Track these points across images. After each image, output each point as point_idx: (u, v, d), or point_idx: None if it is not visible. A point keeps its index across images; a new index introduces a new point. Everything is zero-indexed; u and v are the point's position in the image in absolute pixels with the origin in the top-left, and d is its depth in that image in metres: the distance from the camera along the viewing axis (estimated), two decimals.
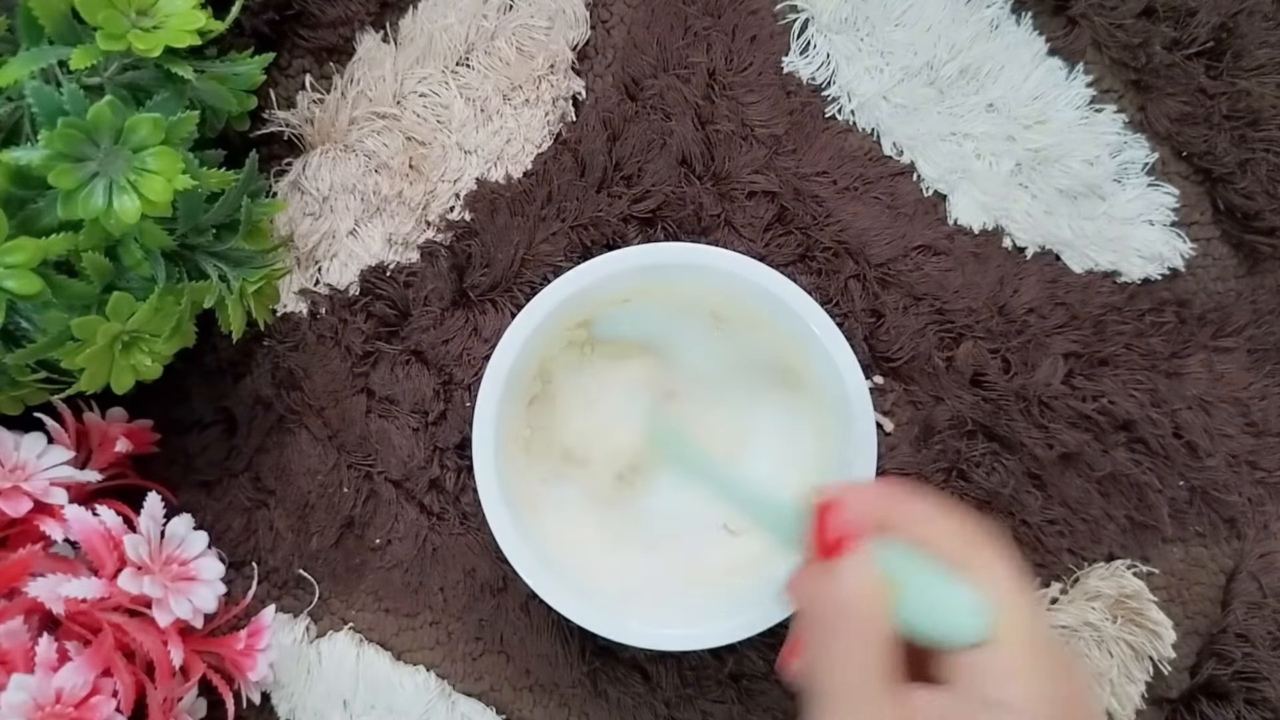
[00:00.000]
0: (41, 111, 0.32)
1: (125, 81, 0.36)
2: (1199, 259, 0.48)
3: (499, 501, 0.39)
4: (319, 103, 0.47)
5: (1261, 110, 0.47)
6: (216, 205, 0.38)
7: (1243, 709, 0.46)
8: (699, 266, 0.40)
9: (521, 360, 0.40)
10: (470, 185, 0.47)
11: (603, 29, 0.48)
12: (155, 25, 0.34)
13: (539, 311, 0.40)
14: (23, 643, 0.36)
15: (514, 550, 0.39)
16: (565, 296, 0.40)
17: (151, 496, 0.41)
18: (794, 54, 0.48)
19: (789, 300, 0.40)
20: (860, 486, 0.36)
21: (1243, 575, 0.47)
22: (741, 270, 0.40)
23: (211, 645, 0.42)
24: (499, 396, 0.39)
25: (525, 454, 0.43)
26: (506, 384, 0.40)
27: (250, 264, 0.41)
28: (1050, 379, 0.46)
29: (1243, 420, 0.47)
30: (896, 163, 0.48)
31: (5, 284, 0.32)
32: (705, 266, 0.40)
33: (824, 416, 0.42)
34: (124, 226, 0.33)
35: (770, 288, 0.40)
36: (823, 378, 0.41)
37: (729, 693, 0.46)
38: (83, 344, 0.34)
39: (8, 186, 0.33)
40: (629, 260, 0.40)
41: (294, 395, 0.46)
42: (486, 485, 0.39)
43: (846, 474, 0.40)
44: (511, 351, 0.39)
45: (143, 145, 0.33)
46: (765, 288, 0.40)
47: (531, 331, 0.40)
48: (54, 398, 0.38)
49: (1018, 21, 0.48)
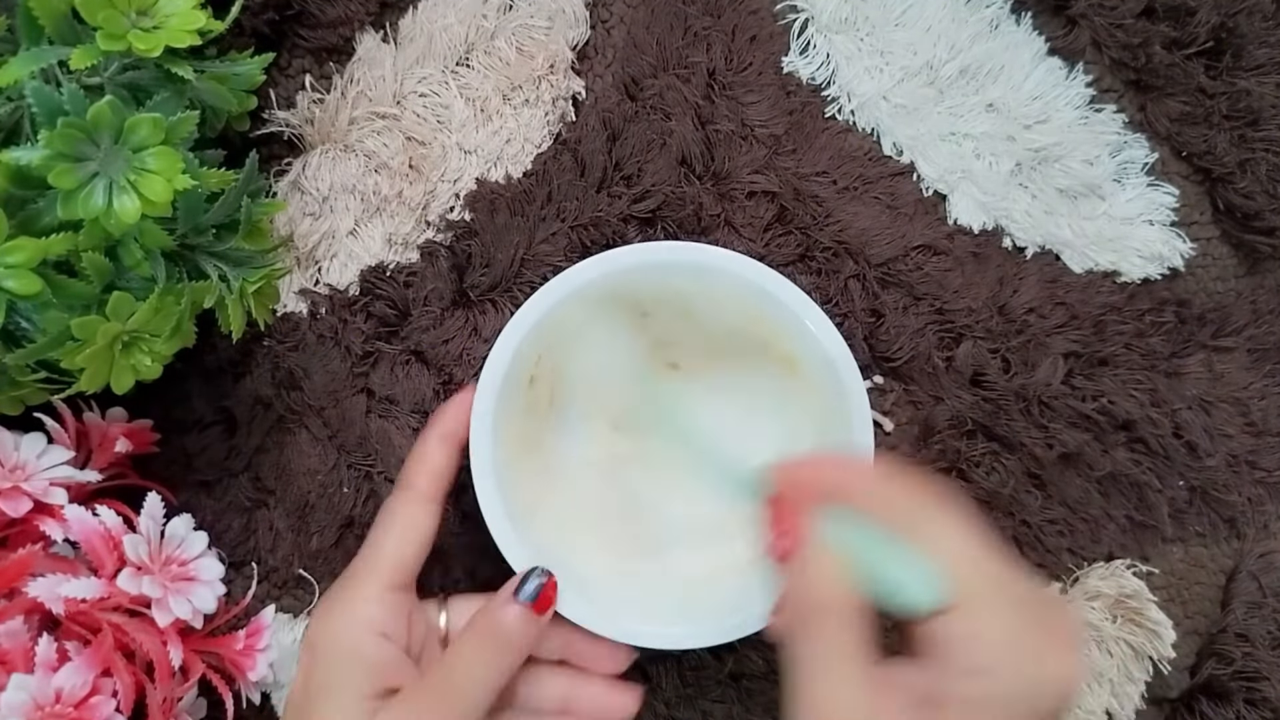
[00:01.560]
0: (41, 111, 0.32)
1: (125, 81, 0.36)
2: (1199, 259, 0.48)
3: (496, 500, 0.39)
4: (319, 103, 0.47)
5: (1261, 110, 0.47)
6: (216, 205, 0.38)
7: (1242, 709, 0.46)
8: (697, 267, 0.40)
9: (518, 361, 0.40)
10: (470, 185, 0.47)
11: (602, 29, 0.48)
12: (155, 25, 0.34)
13: (536, 309, 0.40)
14: (23, 643, 0.36)
15: (510, 549, 0.39)
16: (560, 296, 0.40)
17: (151, 496, 0.41)
18: (794, 54, 0.48)
19: (779, 294, 0.40)
20: (809, 459, 0.36)
21: (1242, 575, 0.47)
22: (738, 269, 0.40)
23: (211, 645, 0.42)
24: (495, 395, 0.39)
25: (525, 415, 0.43)
26: (503, 384, 0.39)
27: (250, 264, 0.41)
28: (1050, 379, 0.46)
29: (1242, 420, 0.47)
30: (896, 163, 0.48)
31: (5, 284, 0.32)
32: (703, 266, 0.40)
33: (817, 397, 0.42)
34: (124, 226, 0.33)
35: (765, 285, 0.40)
36: (814, 363, 0.41)
37: (729, 693, 0.46)
38: (83, 344, 0.34)
39: (8, 186, 0.33)
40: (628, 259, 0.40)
41: (294, 395, 0.46)
42: (483, 478, 0.39)
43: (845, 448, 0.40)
44: (505, 355, 0.39)
45: (143, 145, 0.33)
46: (761, 286, 0.40)
47: (528, 330, 0.39)
48: (54, 398, 0.38)
49: (1018, 21, 0.48)
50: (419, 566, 0.39)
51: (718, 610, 0.40)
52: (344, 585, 0.38)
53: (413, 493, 0.39)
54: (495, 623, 0.37)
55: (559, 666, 0.41)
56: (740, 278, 0.40)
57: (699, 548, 0.44)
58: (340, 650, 0.36)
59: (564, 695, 0.40)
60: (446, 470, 0.39)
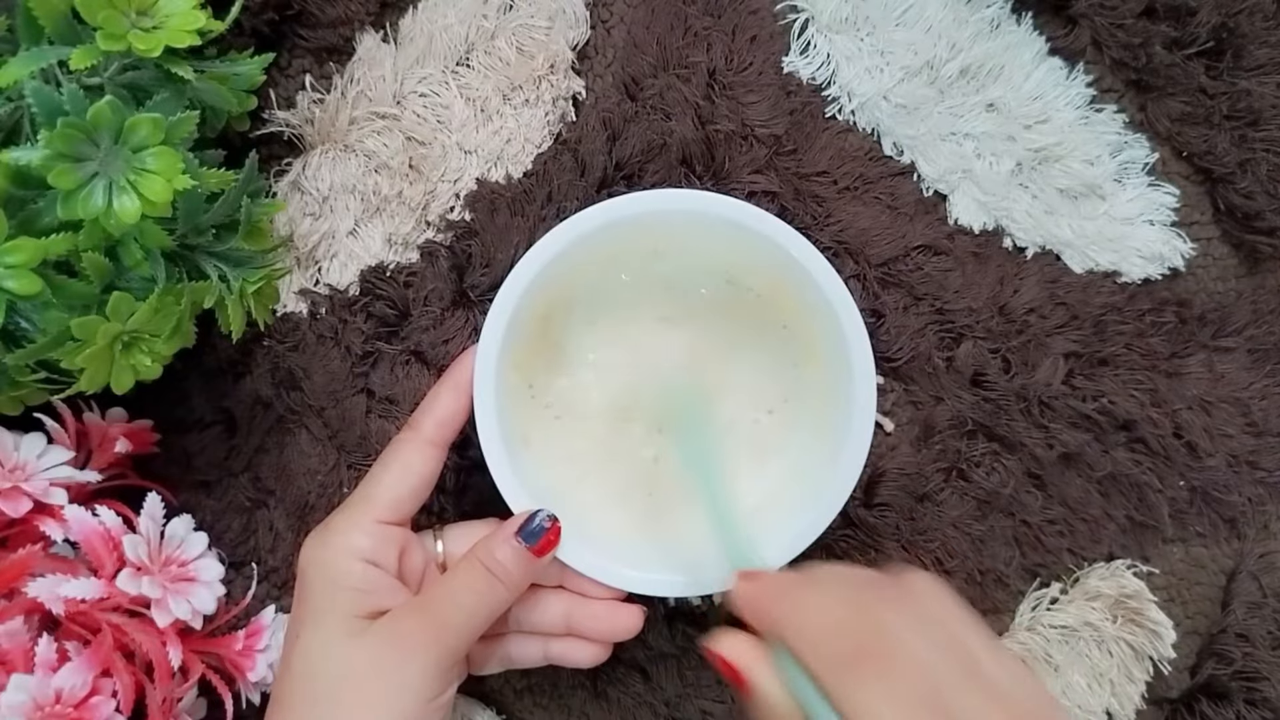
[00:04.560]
0: (41, 111, 0.32)
1: (125, 81, 0.36)
2: (1199, 259, 0.48)
3: (497, 437, 0.40)
4: (319, 103, 0.47)
5: (1262, 110, 0.47)
6: (216, 205, 0.38)
7: (1243, 709, 0.46)
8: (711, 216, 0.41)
9: (525, 304, 0.40)
10: (470, 185, 0.47)
11: (603, 29, 0.48)
12: (155, 25, 0.34)
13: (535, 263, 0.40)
14: (22, 643, 0.36)
15: (508, 487, 0.40)
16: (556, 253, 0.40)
17: (151, 497, 0.41)
18: (794, 54, 0.48)
19: (802, 260, 0.40)
20: (761, 580, 0.36)
21: (1243, 575, 0.47)
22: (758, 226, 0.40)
23: (211, 646, 0.42)
24: (501, 336, 0.40)
25: (528, 392, 0.43)
26: (509, 326, 0.40)
27: (250, 264, 0.41)
28: (1050, 379, 0.46)
29: (1243, 420, 0.47)
30: (897, 163, 0.48)
31: (5, 284, 0.32)
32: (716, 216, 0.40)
33: (824, 369, 0.42)
34: (124, 227, 0.33)
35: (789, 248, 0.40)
36: (825, 336, 0.41)
37: (729, 693, 0.46)
38: (83, 344, 0.34)
39: (8, 187, 0.33)
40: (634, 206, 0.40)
41: (294, 395, 0.46)
42: (485, 416, 0.40)
43: (845, 427, 0.40)
44: (512, 297, 0.40)
45: (143, 145, 0.33)
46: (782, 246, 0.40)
47: (535, 274, 0.40)
48: (54, 398, 0.38)
49: (1018, 21, 0.48)
50: (414, 507, 0.39)
51: (715, 560, 0.41)
52: (336, 515, 0.39)
53: (416, 434, 0.39)
54: (491, 557, 0.38)
55: (559, 589, 0.41)
56: (759, 234, 0.40)
57: (697, 501, 0.44)
58: (327, 574, 0.37)
59: (565, 613, 0.41)
60: (453, 417, 0.40)
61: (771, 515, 0.42)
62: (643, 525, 0.43)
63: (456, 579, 0.38)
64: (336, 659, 0.35)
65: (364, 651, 0.35)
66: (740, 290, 0.43)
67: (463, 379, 0.40)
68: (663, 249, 0.42)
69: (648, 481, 0.44)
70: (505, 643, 0.41)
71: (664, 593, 0.40)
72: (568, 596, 0.41)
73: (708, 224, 0.40)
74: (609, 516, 0.43)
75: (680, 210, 0.41)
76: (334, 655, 0.35)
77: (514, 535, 0.38)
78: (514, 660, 0.42)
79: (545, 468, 0.43)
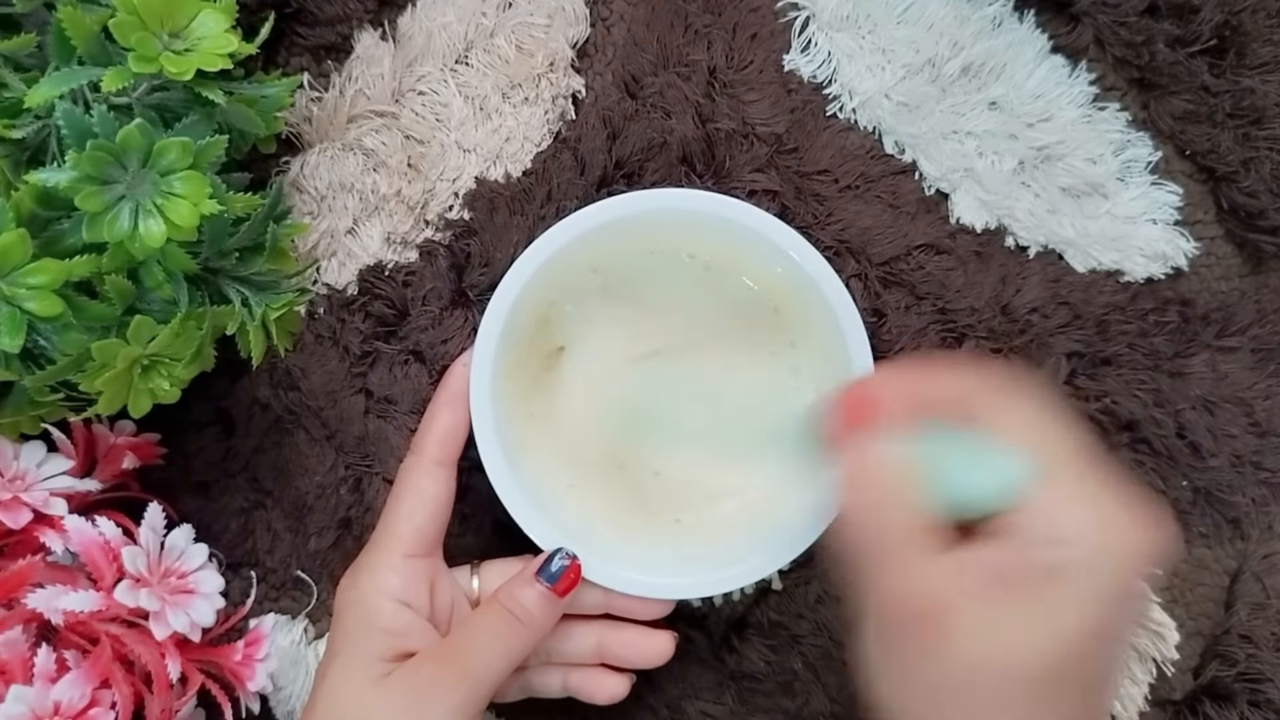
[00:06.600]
0: (70, 133, 0.32)
1: (154, 103, 0.35)
2: (1202, 258, 0.48)
3: (495, 446, 0.40)
4: (317, 101, 0.46)
5: (1265, 108, 0.47)
6: (242, 229, 0.38)
7: (1246, 710, 0.46)
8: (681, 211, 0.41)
9: (519, 308, 0.40)
10: (469, 184, 0.47)
11: (602, 26, 0.48)
12: (187, 48, 0.33)
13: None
14: (21, 653, 0.36)
15: (505, 490, 0.40)
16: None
17: (152, 508, 0.40)
18: (795, 52, 0.47)
19: (779, 240, 0.40)
20: (877, 375, 0.36)
21: (1246, 576, 0.47)
22: (727, 212, 0.40)
23: (210, 655, 0.42)
24: (496, 341, 0.40)
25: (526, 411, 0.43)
26: (504, 331, 0.40)
27: (273, 289, 0.41)
28: (1053, 379, 0.46)
29: (1247, 420, 0.47)
30: (898, 161, 0.47)
31: (27, 305, 0.31)
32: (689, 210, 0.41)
33: (819, 363, 0.42)
34: (149, 250, 0.32)
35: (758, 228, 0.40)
36: (815, 318, 0.41)
37: (729, 693, 0.46)
38: (102, 367, 0.33)
39: (34, 207, 0.32)
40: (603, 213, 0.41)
41: (292, 395, 0.46)
42: (484, 427, 0.40)
43: None
44: (506, 302, 0.40)
45: (171, 169, 0.32)
46: (752, 227, 0.40)
47: (529, 277, 0.40)
48: (73, 418, 0.37)
49: (1020, 19, 0.48)
50: (438, 533, 0.40)
51: (717, 563, 0.41)
52: (365, 554, 0.39)
53: (421, 457, 0.40)
54: (513, 600, 0.38)
55: (586, 619, 0.42)
56: (747, 228, 0.40)
57: (699, 503, 0.44)
58: (356, 616, 0.37)
59: (597, 642, 0.41)
60: (453, 432, 0.40)
61: (772, 515, 0.42)
62: (642, 527, 0.43)
63: (480, 622, 0.38)
64: (360, 704, 0.36)
65: (386, 699, 0.36)
66: (740, 290, 0.43)
67: (458, 391, 0.40)
68: (663, 248, 0.42)
69: (649, 484, 0.44)
70: (527, 673, 0.41)
71: (666, 596, 0.40)
72: (599, 626, 0.41)
73: (708, 223, 0.40)
74: (610, 518, 0.43)
75: (680, 209, 0.40)
76: (359, 700, 0.36)
77: (534, 576, 0.38)
78: (534, 690, 0.42)
79: (546, 474, 0.42)
